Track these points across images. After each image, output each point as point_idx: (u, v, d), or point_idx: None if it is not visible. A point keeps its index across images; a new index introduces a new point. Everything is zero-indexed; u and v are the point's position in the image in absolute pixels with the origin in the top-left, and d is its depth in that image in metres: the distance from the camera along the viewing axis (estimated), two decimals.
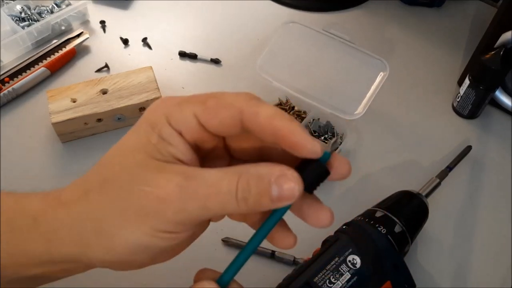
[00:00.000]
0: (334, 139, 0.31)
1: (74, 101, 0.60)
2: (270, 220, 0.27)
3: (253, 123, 0.26)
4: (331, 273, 0.42)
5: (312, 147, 0.25)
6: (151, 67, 0.64)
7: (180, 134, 0.27)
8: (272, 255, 0.51)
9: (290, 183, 0.25)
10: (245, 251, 0.28)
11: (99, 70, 0.69)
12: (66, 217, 0.27)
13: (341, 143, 0.26)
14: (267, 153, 0.30)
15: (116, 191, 0.26)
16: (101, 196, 0.27)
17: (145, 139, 0.27)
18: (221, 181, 0.25)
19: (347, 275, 0.42)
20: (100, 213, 0.27)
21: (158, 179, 0.26)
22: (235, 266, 0.28)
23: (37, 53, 0.67)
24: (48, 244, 0.28)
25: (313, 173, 0.27)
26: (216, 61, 0.71)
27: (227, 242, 0.52)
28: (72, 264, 0.29)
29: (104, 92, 0.61)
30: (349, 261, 0.43)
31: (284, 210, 0.27)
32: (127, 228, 0.26)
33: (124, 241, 0.26)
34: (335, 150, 0.26)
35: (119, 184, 0.27)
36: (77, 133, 0.61)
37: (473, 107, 0.65)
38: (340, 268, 0.42)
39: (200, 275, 0.29)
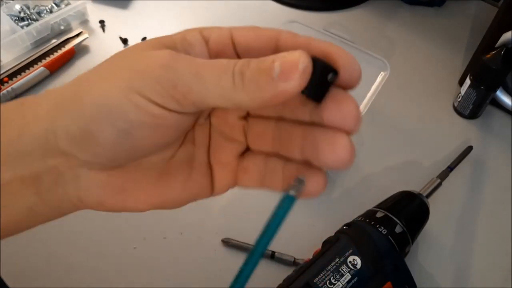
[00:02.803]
0: (298, 187, 0.25)
1: None
2: (275, 216, 0.24)
3: (290, 42, 0.25)
4: (332, 274, 0.42)
5: (350, 59, 0.23)
6: None
7: (207, 42, 0.25)
8: (272, 256, 0.51)
9: (296, 54, 0.21)
10: (252, 256, 0.24)
11: None
12: (54, 91, 0.24)
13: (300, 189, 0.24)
14: None
15: (111, 57, 0.24)
16: (97, 66, 0.24)
17: (168, 35, 0.25)
18: (221, 59, 0.23)
19: (347, 276, 0.42)
20: (85, 77, 0.24)
21: (157, 50, 0.23)
22: (243, 277, 0.24)
23: (36, 53, 0.67)
24: (22, 121, 0.23)
25: (318, 74, 0.22)
26: None
27: (227, 243, 0.52)
28: (42, 160, 0.23)
29: None
30: (350, 261, 0.43)
31: (291, 199, 0.24)
32: (101, 85, 0.22)
33: (92, 100, 0.22)
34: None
35: (119, 53, 0.25)
36: None
37: (474, 107, 0.64)
38: (340, 269, 0.42)
39: None
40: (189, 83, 0.22)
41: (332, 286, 0.41)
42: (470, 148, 0.61)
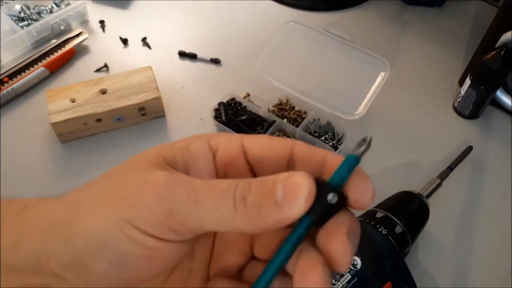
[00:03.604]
0: (362, 146, 0.23)
1: (73, 101, 0.60)
2: (288, 240, 0.22)
3: (305, 155, 0.23)
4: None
5: (362, 182, 0.22)
6: (150, 67, 0.64)
7: (215, 153, 0.24)
8: None
9: (299, 177, 0.20)
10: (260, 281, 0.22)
11: (98, 70, 0.69)
12: (49, 207, 0.24)
13: (366, 149, 0.23)
14: None
15: (106, 178, 0.23)
16: (92, 183, 0.23)
17: (172, 143, 0.24)
18: (220, 181, 0.22)
19: (347, 276, 0.42)
20: (79, 199, 0.23)
21: (155, 170, 0.22)
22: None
23: (36, 53, 0.67)
24: (20, 235, 0.23)
25: (321, 198, 0.21)
26: (216, 61, 0.71)
27: None
28: (33, 277, 0.23)
29: (103, 92, 0.61)
30: None
31: (305, 224, 0.22)
32: (94, 215, 0.22)
33: (84, 230, 0.21)
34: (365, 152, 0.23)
35: (114, 172, 0.24)
36: (76, 133, 0.60)
37: (474, 107, 0.64)
38: None
39: None
40: (187, 211, 0.21)
41: (332, 286, 0.41)
42: (470, 148, 0.61)
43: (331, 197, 0.21)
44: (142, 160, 0.23)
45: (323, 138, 0.61)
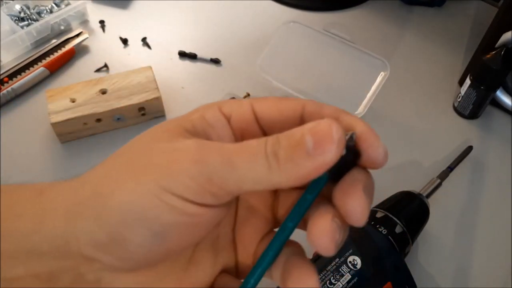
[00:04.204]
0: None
1: (73, 101, 0.60)
2: (303, 199, 0.22)
3: (317, 115, 0.23)
4: (332, 274, 0.42)
5: (376, 141, 0.22)
6: (150, 67, 0.64)
7: (229, 120, 0.24)
8: None
9: (325, 123, 0.20)
10: (271, 247, 0.23)
11: (98, 70, 0.69)
12: (70, 187, 0.23)
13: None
14: None
15: (128, 151, 0.23)
16: (111, 159, 0.23)
17: (185, 115, 0.24)
18: (249, 141, 0.21)
19: (347, 276, 0.42)
20: (102, 174, 0.22)
21: (181, 138, 0.22)
22: (261, 269, 0.23)
23: (36, 53, 0.67)
24: (41, 218, 0.22)
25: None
26: (216, 61, 0.71)
27: None
28: (60, 261, 0.22)
29: (104, 92, 0.61)
30: (350, 262, 0.42)
31: (321, 181, 0.22)
32: (126, 184, 0.21)
33: (118, 202, 0.20)
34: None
35: (135, 145, 0.23)
36: (76, 133, 0.60)
37: (474, 107, 0.64)
38: (340, 269, 0.42)
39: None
40: (224, 174, 0.20)
41: (332, 286, 0.41)
42: (470, 148, 0.61)
43: (345, 152, 0.21)
44: (163, 132, 0.23)
45: None
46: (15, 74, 0.65)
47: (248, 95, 0.66)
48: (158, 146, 0.22)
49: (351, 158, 0.22)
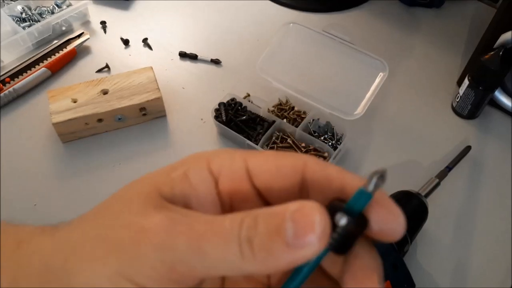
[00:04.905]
0: (377, 173, 0.19)
1: (75, 102, 0.60)
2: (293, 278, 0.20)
3: (319, 175, 0.21)
4: None
5: (389, 209, 0.20)
6: (151, 68, 0.64)
7: (217, 179, 0.22)
8: None
9: (309, 209, 0.18)
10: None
11: (99, 71, 0.70)
12: (44, 248, 0.22)
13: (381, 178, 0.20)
14: None
15: (102, 218, 0.22)
16: (84, 224, 0.22)
17: (167, 170, 0.22)
18: (223, 220, 0.19)
19: None
20: (74, 244, 0.21)
21: (151, 212, 0.20)
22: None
23: (38, 54, 0.68)
24: (16, 273, 0.22)
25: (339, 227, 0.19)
26: (216, 62, 0.72)
27: None
28: None
29: (105, 92, 0.61)
30: None
31: (320, 255, 0.19)
32: (90, 266, 0.20)
33: (81, 283, 0.20)
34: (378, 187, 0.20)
35: (109, 212, 0.22)
36: (78, 134, 0.61)
37: (473, 108, 0.65)
38: None
39: None
40: (190, 261, 0.19)
41: None
42: (468, 148, 0.61)
43: (350, 221, 0.19)
44: (137, 197, 0.21)
45: (322, 138, 0.61)
46: (16, 74, 0.65)
47: (248, 95, 0.67)
48: (127, 219, 0.21)
49: (358, 229, 0.19)
